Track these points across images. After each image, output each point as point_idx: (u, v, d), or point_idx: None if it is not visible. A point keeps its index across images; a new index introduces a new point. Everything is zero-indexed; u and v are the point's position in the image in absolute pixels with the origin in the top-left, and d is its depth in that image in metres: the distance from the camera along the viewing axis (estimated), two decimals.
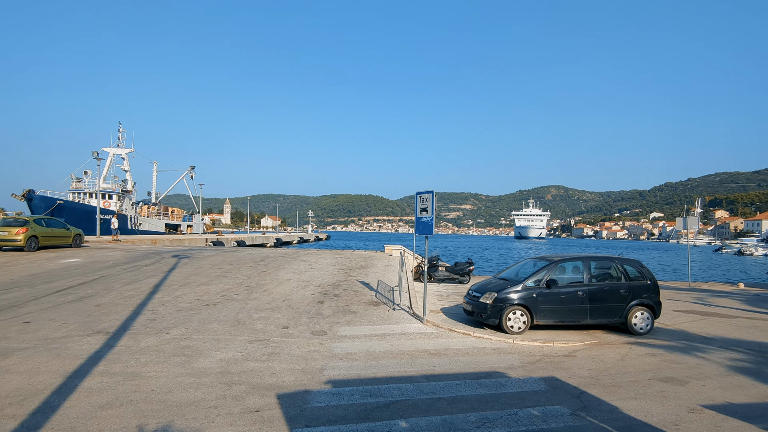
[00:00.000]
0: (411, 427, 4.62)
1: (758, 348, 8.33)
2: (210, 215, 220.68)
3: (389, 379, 6.20)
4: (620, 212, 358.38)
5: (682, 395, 5.77)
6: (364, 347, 7.86)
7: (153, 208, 55.29)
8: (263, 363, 6.80)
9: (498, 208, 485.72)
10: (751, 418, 5.00)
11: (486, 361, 7.26)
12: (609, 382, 6.25)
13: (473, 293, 9.89)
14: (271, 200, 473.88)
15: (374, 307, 10.98)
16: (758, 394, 5.85)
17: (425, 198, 10.16)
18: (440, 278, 17.41)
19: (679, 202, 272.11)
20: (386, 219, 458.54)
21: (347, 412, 4.99)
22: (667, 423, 4.84)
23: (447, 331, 9.25)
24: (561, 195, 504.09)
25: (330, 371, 6.48)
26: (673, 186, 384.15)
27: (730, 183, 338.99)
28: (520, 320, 9.08)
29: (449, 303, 12.57)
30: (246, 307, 10.46)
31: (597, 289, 9.33)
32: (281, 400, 5.30)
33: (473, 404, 5.30)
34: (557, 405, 5.33)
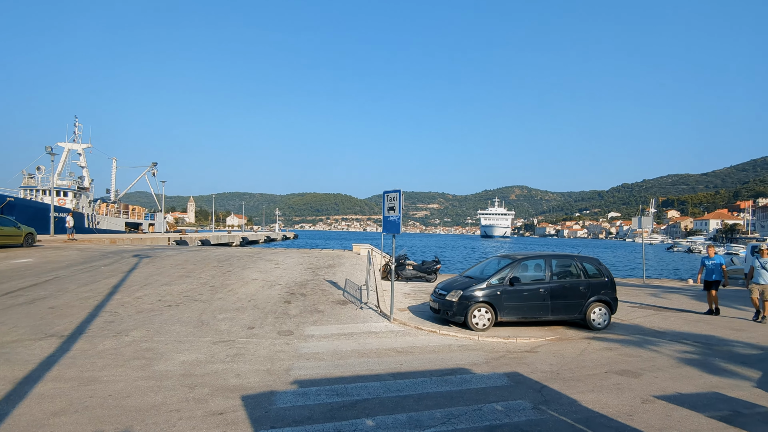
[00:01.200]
0: (377, 425, 4.65)
1: (705, 341, 8.81)
2: (173, 214, 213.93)
3: (356, 378, 6.21)
4: (580, 212, 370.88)
5: (636, 387, 6.04)
6: (331, 346, 7.84)
7: (112, 206, 53.10)
8: (228, 364, 6.68)
9: (464, 207, 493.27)
10: (698, 407, 5.30)
11: (452, 358, 7.38)
12: (569, 376, 6.47)
13: (439, 291, 10.03)
14: (237, 198, 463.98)
15: (342, 306, 10.96)
16: (705, 384, 6.19)
17: (392, 197, 10.22)
18: (408, 277, 17.54)
19: (635, 203, 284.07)
20: (354, 218, 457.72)
21: (313, 412, 4.97)
22: (621, 414, 5.06)
23: (414, 329, 9.34)
24: (525, 195, 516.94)
25: (296, 371, 6.44)
26: (630, 187, 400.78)
27: (682, 184, 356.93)
28: (484, 317, 9.27)
29: (416, 301, 12.69)
30: (210, 307, 10.24)
31: (558, 287, 9.63)
32: (246, 402, 5.22)
33: (439, 401, 5.38)
34: (520, 399, 5.48)
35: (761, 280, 10.88)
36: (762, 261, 11.00)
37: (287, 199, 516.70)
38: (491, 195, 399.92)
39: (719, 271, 11.70)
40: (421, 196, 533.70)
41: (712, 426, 4.75)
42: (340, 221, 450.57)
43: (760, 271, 10.98)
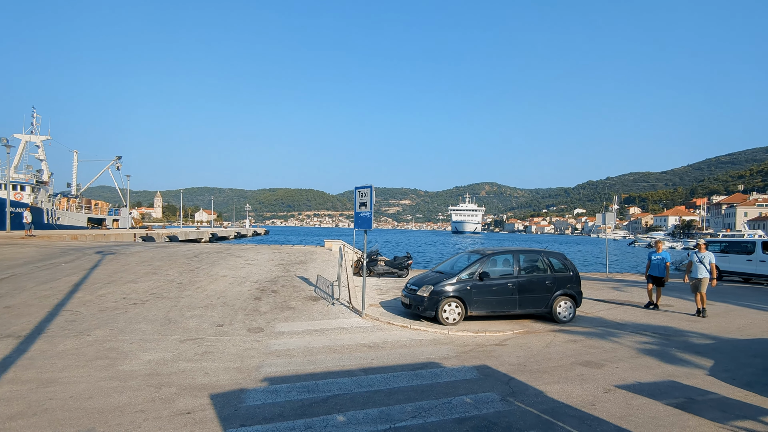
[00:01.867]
0: (348, 420, 4.67)
1: (663, 331, 9.21)
2: (139, 209, 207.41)
3: (327, 374, 6.21)
4: (547, 208, 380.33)
5: (598, 377, 6.26)
6: (303, 343, 7.81)
7: (74, 200, 50.98)
8: (196, 363, 6.56)
9: (436, 203, 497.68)
10: (656, 395, 5.54)
11: (422, 352, 7.46)
12: (535, 368, 6.66)
13: (411, 286, 10.12)
14: (206, 194, 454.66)
15: (313, 302, 10.91)
16: (663, 373, 6.48)
17: (364, 193, 10.22)
18: (379, 272, 17.59)
19: (599, 199, 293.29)
20: (327, 214, 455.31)
21: (284, 409, 4.94)
22: (585, 403, 5.25)
23: (385, 325, 9.39)
24: (494, 191, 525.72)
25: (267, 369, 6.38)
26: (594, 184, 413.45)
27: (643, 182, 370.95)
28: (455, 312, 9.41)
29: (388, 297, 12.75)
30: (178, 305, 10.01)
31: (525, 281, 9.87)
32: (215, 401, 5.15)
33: (410, 395, 5.45)
34: (488, 392, 5.60)
35: (698, 274, 11.04)
36: (699, 255, 11.11)
37: (258, 195, 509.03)
38: (462, 191, 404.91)
39: (663, 267, 11.79)
40: (394, 191, 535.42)
41: (669, 413, 4.98)
42: (312, 217, 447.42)
43: (698, 265, 11.11)
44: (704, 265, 11.03)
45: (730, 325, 9.81)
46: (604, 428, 4.55)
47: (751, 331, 9.29)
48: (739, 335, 8.90)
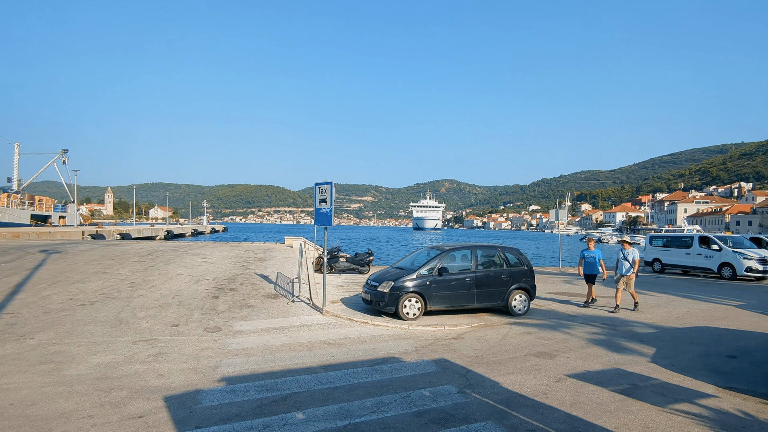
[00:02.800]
0: (307, 418, 4.66)
1: (611, 322, 9.70)
2: (88, 205, 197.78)
3: (287, 372, 6.16)
4: (505, 205, 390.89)
5: (551, 367, 6.53)
6: (262, 341, 7.70)
7: (15, 196, 47.79)
8: (149, 365, 6.35)
9: (397, 200, 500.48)
10: (603, 383, 5.84)
11: (383, 347, 7.53)
12: (492, 360, 6.86)
13: (371, 282, 10.17)
14: (161, 189, 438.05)
15: (273, 300, 10.77)
16: (609, 362, 6.83)
17: (324, 189, 10.18)
18: (341, 269, 17.55)
19: (553, 197, 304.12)
20: (288, 210, 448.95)
21: (241, 408, 4.87)
22: (537, 393, 5.46)
23: (346, 321, 9.40)
24: (454, 188, 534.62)
25: (224, 368, 6.26)
26: (548, 182, 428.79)
27: (593, 180, 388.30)
28: (414, 307, 9.54)
29: (349, 293, 12.76)
30: (130, 305, 9.64)
31: (483, 276, 10.13)
32: (169, 403, 5.01)
33: (369, 390, 5.49)
34: (446, 384, 5.73)
35: (624, 270, 10.94)
36: (624, 252, 11.02)
37: (216, 191, 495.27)
38: (423, 188, 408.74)
39: (597, 264, 11.58)
40: (355, 188, 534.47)
41: (614, 399, 5.27)
42: (272, 213, 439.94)
43: (623, 262, 11.02)
44: (628, 261, 10.95)
45: (670, 315, 10.45)
46: (555, 416, 4.76)
47: (689, 320, 9.94)
48: (678, 324, 9.50)
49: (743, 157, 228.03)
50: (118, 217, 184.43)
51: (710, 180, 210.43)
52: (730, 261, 17.72)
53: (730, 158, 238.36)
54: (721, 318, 10.10)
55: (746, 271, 17.17)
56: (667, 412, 4.85)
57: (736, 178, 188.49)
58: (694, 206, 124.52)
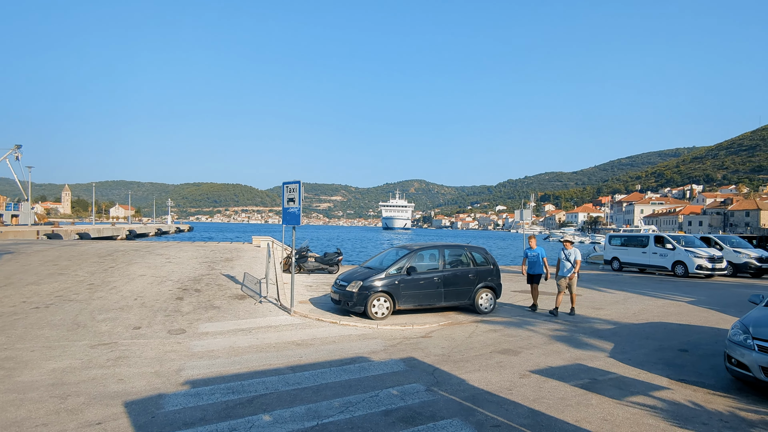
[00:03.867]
0: (274, 419, 4.61)
1: (572, 320, 10.02)
2: (43, 204, 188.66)
3: (253, 373, 6.08)
4: (472, 205, 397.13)
5: (515, 364, 6.70)
6: (228, 343, 7.57)
7: None
8: (108, 369, 6.14)
9: (367, 199, 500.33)
10: (565, 378, 6.04)
11: (351, 347, 7.53)
12: (458, 358, 6.98)
13: (340, 282, 10.15)
14: (123, 187, 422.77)
15: (240, 300, 10.59)
16: (571, 357, 7.06)
17: (292, 188, 10.09)
18: (310, 269, 17.41)
19: (519, 197, 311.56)
20: (255, 209, 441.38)
21: (206, 412, 4.78)
22: (502, 389, 5.60)
23: (315, 321, 9.35)
24: (423, 188, 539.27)
25: (188, 371, 6.12)
26: (514, 183, 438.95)
27: (556, 181, 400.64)
28: (383, 306, 9.58)
29: (318, 293, 12.68)
30: (88, 307, 9.27)
31: (450, 275, 10.27)
32: (130, 408, 4.86)
33: (337, 390, 5.49)
34: (414, 383, 5.79)
35: (566, 272, 10.42)
36: (566, 252, 10.51)
37: (181, 189, 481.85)
38: (392, 188, 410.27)
39: (540, 264, 10.94)
40: (325, 188, 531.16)
41: (575, 393, 5.46)
42: (240, 213, 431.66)
43: (564, 263, 10.50)
44: (570, 261, 10.43)
45: (627, 311, 10.89)
46: (519, 411, 4.89)
47: (645, 315, 10.39)
48: (635, 320, 9.92)
49: (695, 160, 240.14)
50: (76, 216, 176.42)
51: (665, 182, 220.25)
52: (682, 259, 18.62)
53: (683, 162, 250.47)
54: (674, 314, 10.61)
55: (697, 269, 18.08)
56: (624, 405, 5.07)
57: (688, 180, 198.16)
58: (650, 207, 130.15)
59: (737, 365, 5.47)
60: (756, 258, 19.10)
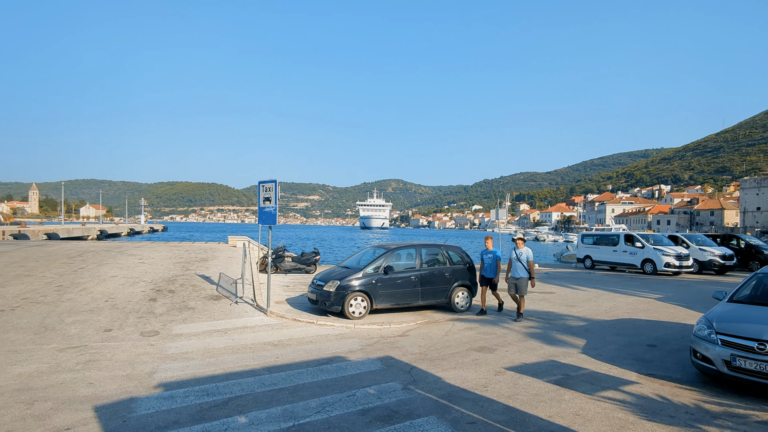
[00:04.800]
0: (250, 421, 4.57)
1: (546, 317, 10.23)
2: (9, 203, 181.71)
3: (229, 375, 6.00)
4: (449, 204, 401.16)
5: (491, 361, 6.80)
6: (203, 344, 7.45)
7: None
8: (78, 373, 5.96)
9: (344, 199, 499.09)
10: (539, 374, 6.17)
11: (328, 347, 7.51)
12: (435, 356, 7.04)
13: (317, 282, 10.10)
14: (94, 186, 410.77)
15: (215, 301, 10.43)
16: (545, 354, 7.21)
17: (268, 187, 9.99)
18: (287, 269, 17.28)
19: (494, 197, 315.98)
20: (231, 209, 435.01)
21: (180, 415, 4.69)
22: (478, 386, 5.68)
23: (291, 321, 9.28)
24: (401, 188, 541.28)
25: (162, 374, 6.00)
26: (490, 182, 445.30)
27: (531, 181, 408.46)
28: (360, 306, 9.59)
29: (295, 293, 12.59)
30: (57, 310, 8.98)
31: (427, 274, 10.35)
32: (99, 413, 4.73)
33: (314, 390, 5.47)
34: (391, 381, 5.82)
35: (517, 273, 9.76)
36: (518, 252, 9.85)
37: (155, 188, 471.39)
38: (370, 187, 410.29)
39: (495, 267, 10.25)
40: (302, 187, 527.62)
41: (549, 389, 5.57)
42: (215, 212, 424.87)
43: (515, 263, 9.82)
44: (521, 263, 9.76)
45: (599, 308, 11.18)
46: (494, 408, 4.97)
47: (615, 312, 10.69)
48: (606, 317, 10.19)
49: (663, 161, 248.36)
50: (44, 216, 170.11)
51: (635, 182, 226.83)
52: (651, 257, 19.20)
53: (652, 162, 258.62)
54: (644, 310, 10.95)
55: (665, 267, 18.68)
56: (595, 400, 5.21)
57: (657, 180, 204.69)
58: (620, 207, 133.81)
59: (702, 359, 5.68)
60: (720, 256, 19.85)
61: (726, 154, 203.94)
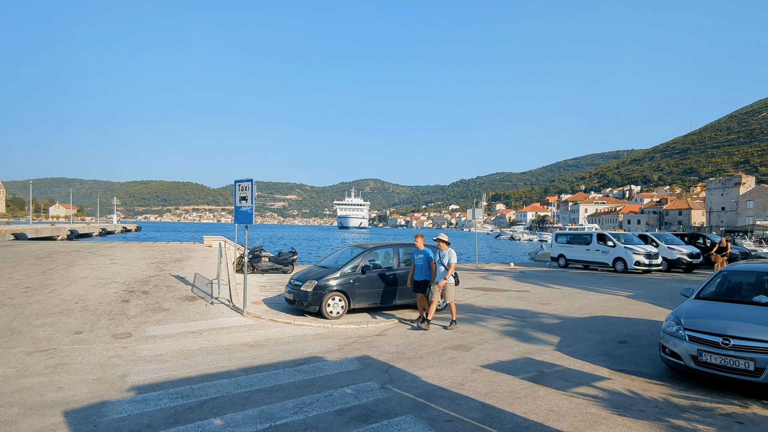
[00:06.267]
0: (226, 423, 4.51)
1: (521, 314, 10.40)
2: None
3: (204, 377, 5.91)
4: (426, 204, 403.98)
5: (467, 359, 6.88)
6: (177, 346, 7.31)
7: None
8: (46, 377, 5.78)
9: (322, 198, 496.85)
10: (514, 371, 6.27)
11: (306, 347, 7.47)
12: (412, 355, 7.08)
13: (295, 282, 10.04)
14: (64, 185, 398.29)
15: (190, 302, 10.25)
16: (520, 351, 7.34)
17: (244, 187, 9.88)
18: (264, 269, 17.10)
19: (471, 196, 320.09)
20: (207, 208, 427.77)
21: (153, 419, 4.60)
22: (455, 384, 5.74)
23: (268, 322, 9.20)
24: (379, 188, 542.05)
25: (134, 377, 5.86)
26: (467, 182, 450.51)
27: (506, 181, 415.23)
28: (338, 305, 9.57)
29: (272, 293, 12.47)
30: (24, 312, 8.69)
31: (405, 273, 10.38)
32: (69, 418, 4.60)
33: (291, 391, 5.43)
34: (369, 381, 5.83)
35: (440, 277, 8.75)
36: (441, 254, 8.87)
37: (128, 187, 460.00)
38: (348, 187, 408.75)
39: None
40: (279, 186, 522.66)
41: (524, 386, 5.67)
42: (191, 212, 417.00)
43: (438, 267, 8.83)
44: (443, 265, 8.75)
45: (572, 306, 11.43)
46: (471, 405, 5.03)
47: (588, 310, 10.95)
48: (579, 314, 10.43)
49: (633, 162, 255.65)
50: (11, 216, 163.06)
51: (607, 183, 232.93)
52: (622, 256, 19.74)
53: (623, 163, 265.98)
54: (615, 307, 11.25)
55: (635, 265, 19.23)
56: (569, 396, 5.33)
57: (628, 181, 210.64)
58: (593, 206, 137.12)
59: (671, 354, 5.88)
60: (687, 254, 20.56)
61: (693, 156, 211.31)
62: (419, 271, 9.16)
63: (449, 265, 8.66)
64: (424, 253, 9.18)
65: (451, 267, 8.66)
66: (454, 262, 8.72)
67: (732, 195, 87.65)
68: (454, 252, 8.84)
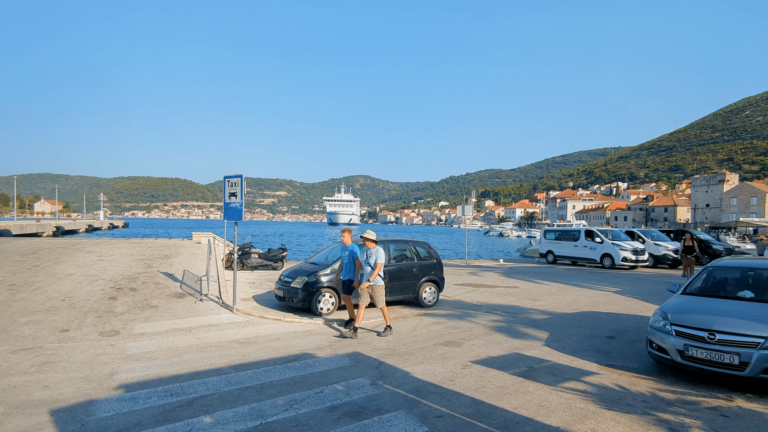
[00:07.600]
0: (216, 421, 4.48)
1: (511, 310, 10.48)
2: None
3: (193, 374, 5.86)
4: (416, 201, 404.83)
5: (458, 355, 6.91)
6: (166, 344, 7.24)
7: None
8: (32, 376, 5.69)
9: (312, 195, 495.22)
10: (504, 367, 6.32)
11: (296, 344, 7.45)
12: (403, 351, 7.10)
13: (285, 278, 9.99)
14: (50, 181, 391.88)
15: (179, 299, 10.15)
16: (510, 347, 7.39)
17: (234, 182, 9.79)
18: (253, 265, 17.00)
19: (460, 193, 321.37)
20: (196, 205, 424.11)
21: (142, 417, 4.55)
22: (445, 380, 5.76)
23: (258, 319, 9.15)
24: (368, 184, 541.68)
25: (122, 375, 5.79)
26: (456, 179, 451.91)
27: (496, 178, 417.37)
28: (329, 302, 9.55)
29: (262, 290, 12.41)
30: (8, 310, 8.53)
31: (395, 269, 10.40)
32: (56, 417, 4.53)
33: (282, 388, 5.41)
34: (359, 377, 5.83)
35: (368, 277, 7.97)
36: (368, 253, 8.08)
37: (115, 183, 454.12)
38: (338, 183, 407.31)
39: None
40: (269, 182, 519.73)
41: (513, 381, 5.72)
42: (179, 208, 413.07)
43: (365, 266, 8.12)
44: (370, 265, 8.02)
45: (561, 302, 11.55)
46: (461, 401, 5.06)
47: (577, 305, 11.07)
48: (568, 310, 10.54)
49: (620, 159, 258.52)
50: None
51: (594, 179, 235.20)
52: (609, 252, 19.98)
53: (611, 161, 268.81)
54: (603, 303, 11.38)
55: (622, 261, 19.48)
56: (558, 391, 5.38)
57: (615, 178, 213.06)
58: (581, 203, 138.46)
59: (657, 349, 5.96)
60: (673, 250, 20.87)
61: (678, 153, 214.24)
62: (346, 269, 8.58)
63: (376, 265, 7.95)
64: (349, 250, 8.52)
65: (378, 267, 7.94)
66: (381, 262, 7.98)
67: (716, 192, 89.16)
68: (382, 251, 8.10)
